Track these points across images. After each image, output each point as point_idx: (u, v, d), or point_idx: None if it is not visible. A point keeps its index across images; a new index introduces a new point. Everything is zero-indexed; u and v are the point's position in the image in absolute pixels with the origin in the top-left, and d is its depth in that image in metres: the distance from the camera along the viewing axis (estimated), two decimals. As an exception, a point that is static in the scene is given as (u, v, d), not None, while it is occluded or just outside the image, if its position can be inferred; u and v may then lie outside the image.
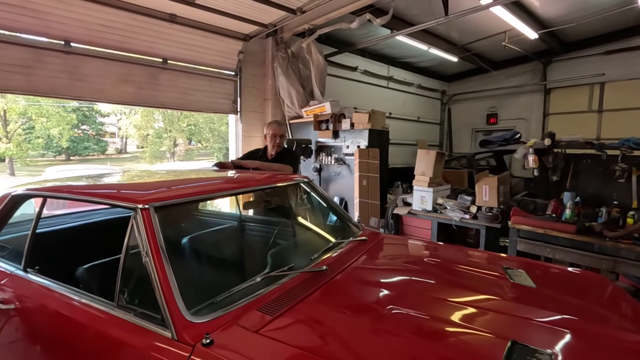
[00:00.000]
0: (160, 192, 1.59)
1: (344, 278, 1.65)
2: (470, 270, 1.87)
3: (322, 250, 1.97)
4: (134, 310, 1.34)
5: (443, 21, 4.78)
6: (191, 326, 1.20)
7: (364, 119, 4.81)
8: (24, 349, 1.64)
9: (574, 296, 1.64)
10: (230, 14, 4.61)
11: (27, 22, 3.77)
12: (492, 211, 3.69)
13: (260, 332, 1.21)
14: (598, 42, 7.53)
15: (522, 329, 1.29)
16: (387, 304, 1.45)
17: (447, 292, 1.57)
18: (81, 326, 1.41)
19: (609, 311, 1.53)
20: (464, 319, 1.33)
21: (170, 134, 27.48)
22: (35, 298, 1.61)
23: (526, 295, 1.59)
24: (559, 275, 1.94)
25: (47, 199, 1.86)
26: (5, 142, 22.01)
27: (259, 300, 1.41)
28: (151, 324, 1.26)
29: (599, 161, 3.37)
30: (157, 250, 1.35)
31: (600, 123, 7.79)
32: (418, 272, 1.81)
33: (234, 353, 1.12)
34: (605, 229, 2.95)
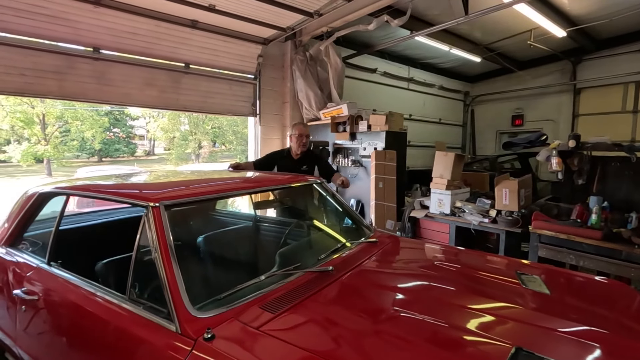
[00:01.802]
0: (172, 191, 1.65)
1: (349, 279, 1.66)
2: (479, 274, 1.82)
3: (330, 250, 1.98)
4: (143, 303, 1.40)
5: (463, 21, 4.69)
6: (195, 321, 1.24)
7: (381, 121, 4.79)
8: (46, 335, 1.74)
9: (589, 304, 1.57)
10: (249, 19, 4.71)
11: (60, 31, 4.00)
12: (512, 215, 3.57)
13: (260, 329, 1.23)
14: (632, 39, 7.14)
15: (529, 336, 1.24)
16: (389, 305, 1.44)
17: (451, 294, 1.54)
18: (95, 317, 1.49)
19: (625, 320, 1.45)
20: (466, 322, 1.31)
21: (195, 136, 28.30)
22: (56, 290, 1.71)
23: (538, 302, 1.53)
24: (579, 283, 1.86)
25: (70, 196, 1.97)
26: (43, 144, 23.35)
27: (263, 297, 1.43)
28: (158, 317, 1.32)
29: (629, 164, 3.20)
30: (166, 247, 1.40)
31: (636, 124, 7.38)
32: (424, 275, 1.79)
33: (233, 348, 1.14)
34: (634, 235, 2.80)
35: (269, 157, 3.52)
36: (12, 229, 2.19)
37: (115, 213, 3.07)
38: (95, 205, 5.17)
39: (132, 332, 1.35)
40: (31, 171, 23.93)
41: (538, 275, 1.81)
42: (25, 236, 2.26)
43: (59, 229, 1.94)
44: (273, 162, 3.42)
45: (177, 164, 26.18)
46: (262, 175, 2.35)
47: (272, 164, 3.41)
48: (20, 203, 2.24)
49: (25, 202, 2.18)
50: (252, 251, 2.35)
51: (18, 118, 21.43)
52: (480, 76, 9.83)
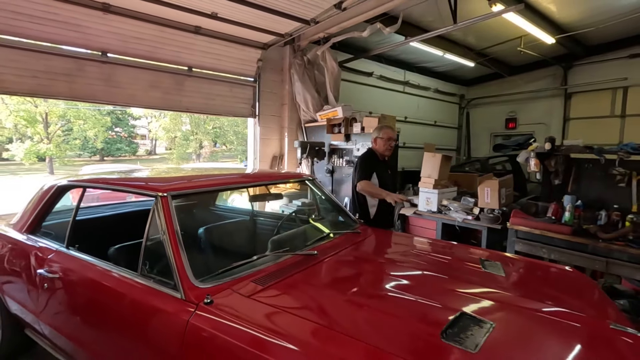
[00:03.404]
0: (178, 183, 1.90)
1: (330, 261, 1.90)
2: (445, 259, 2.07)
3: (317, 239, 2.23)
4: (153, 277, 1.65)
5: (452, 29, 4.93)
6: (196, 290, 1.49)
7: (373, 123, 5.02)
8: (66, 308, 1.99)
9: (537, 284, 1.82)
10: (249, 26, 4.96)
11: (70, 36, 4.25)
12: (493, 213, 3.81)
13: (251, 297, 1.48)
14: (621, 45, 7.39)
15: (475, 304, 1.49)
16: (360, 280, 1.68)
17: (415, 273, 1.79)
18: (111, 290, 1.73)
19: (564, 296, 1.69)
20: (423, 293, 1.55)
21: (197, 136, 28.58)
22: (75, 269, 1.96)
23: (491, 281, 1.78)
24: (535, 269, 2.10)
25: (87, 189, 2.22)
26: (46, 142, 23.63)
27: (255, 274, 1.68)
28: (166, 287, 1.56)
29: (600, 165, 3.44)
30: (172, 230, 1.65)
31: (623, 128, 7.62)
32: (395, 259, 2.04)
33: (228, 310, 1.39)
34: (600, 231, 3.04)
35: (369, 166, 3.23)
36: (32, 218, 2.44)
37: (123, 206, 3.33)
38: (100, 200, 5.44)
39: (144, 301, 1.59)
40: (34, 169, 24.21)
41: (499, 262, 2.05)
42: (43, 225, 2.51)
43: (76, 217, 2.18)
44: (372, 170, 3.21)
45: (178, 164, 26.43)
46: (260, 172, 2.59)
47: (373, 170, 3.21)
48: (39, 195, 2.49)
49: (44, 194, 2.43)
50: (248, 238, 2.59)
51: (21, 117, 21.69)
52: (475, 80, 10.08)
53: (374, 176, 3.20)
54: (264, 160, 6.32)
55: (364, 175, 3.18)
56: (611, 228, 3.11)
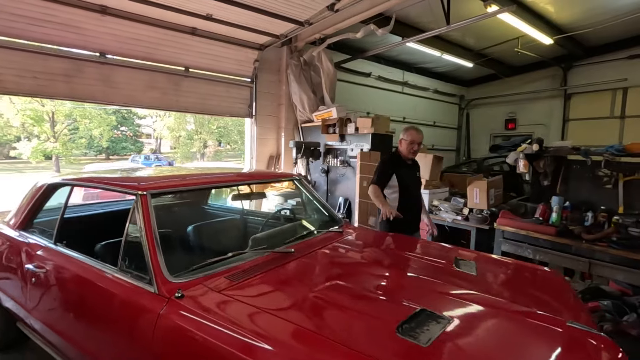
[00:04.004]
0: (158, 182, 1.97)
1: (305, 259, 1.96)
2: (421, 257, 2.11)
3: (297, 236, 2.29)
4: (130, 272, 1.71)
5: (445, 30, 4.96)
6: (170, 284, 1.55)
7: (367, 124, 5.07)
8: (52, 301, 2.06)
9: (507, 282, 1.86)
10: (244, 27, 5.03)
11: (69, 37, 4.35)
12: (482, 213, 3.84)
13: (221, 292, 1.54)
14: (621, 46, 7.36)
15: (437, 301, 1.53)
16: (332, 278, 1.74)
17: (386, 271, 1.84)
18: (92, 284, 1.80)
19: (531, 294, 1.73)
20: (390, 290, 1.60)
21: (201, 135, 28.81)
22: (60, 264, 2.04)
23: (461, 279, 1.82)
24: (511, 269, 2.13)
25: (74, 187, 2.30)
26: (52, 141, 23.96)
27: (229, 270, 1.74)
28: (141, 282, 1.63)
29: (587, 167, 3.46)
30: (150, 227, 1.72)
31: (623, 129, 7.58)
32: (371, 257, 2.09)
33: (196, 303, 1.45)
34: (584, 232, 3.06)
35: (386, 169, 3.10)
36: (24, 215, 2.52)
37: (112, 205, 3.42)
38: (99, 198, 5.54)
39: (122, 295, 1.66)
40: (40, 168, 24.55)
41: (474, 261, 2.09)
42: (35, 222, 2.59)
43: (64, 215, 2.26)
44: (391, 173, 3.07)
45: (182, 163, 26.66)
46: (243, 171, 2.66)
47: (391, 174, 3.07)
48: (31, 193, 2.58)
49: (35, 192, 2.51)
50: (235, 237, 2.65)
51: (28, 116, 22.00)
52: (475, 80, 10.08)
53: (393, 178, 3.06)
54: (261, 159, 6.39)
55: (376, 179, 3.08)
56: (596, 229, 3.13)
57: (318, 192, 6.02)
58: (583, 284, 3.46)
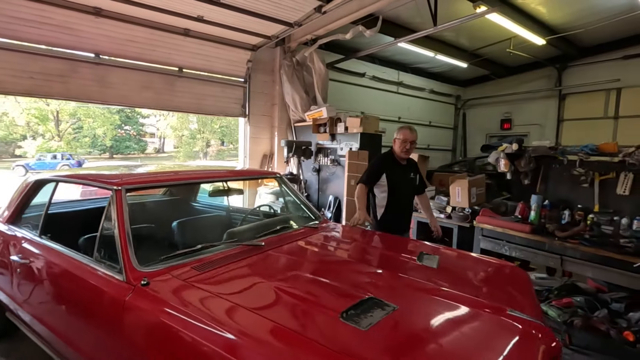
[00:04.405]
0: (133, 178, 2.08)
1: (273, 252, 2.05)
2: (387, 252, 2.20)
3: (271, 230, 2.38)
4: (104, 262, 1.82)
5: (432, 31, 5.03)
6: (137, 273, 1.66)
7: (356, 123, 5.16)
8: (34, 290, 2.18)
9: (463, 275, 1.95)
10: (236, 28, 5.14)
11: (64, 39, 4.48)
12: (463, 211, 3.92)
13: (186, 281, 1.64)
14: (615, 47, 7.38)
15: (389, 291, 1.62)
16: (293, 269, 1.83)
17: (349, 264, 1.93)
18: (70, 274, 1.92)
19: (484, 286, 1.82)
20: (346, 281, 1.69)
21: (204, 135, 29.02)
22: (42, 255, 2.15)
23: (419, 272, 1.90)
24: (474, 264, 2.22)
25: (59, 182, 2.41)
26: (57, 140, 24.29)
27: (197, 261, 1.84)
28: (113, 271, 1.73)
29: (565, 166, 3.52)
30: (122, 219, 1.82)
31: (616, 130, 7.60)
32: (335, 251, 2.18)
33: (160, 290, 1.55)
34: (557, 229, 3.13)
35: (376, 168, 3.06)
36: (13, 210, 2.65)
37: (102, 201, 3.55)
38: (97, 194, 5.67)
39: (95, 282, 1.77)
40: (45, 166, 24.83)
41: (438, 256, 2.17)
42: (25, 217, 2.71)
43: (49, 209, 2.38)
44: (381, 172, 3.02)
45: (184, 162, 26.88)
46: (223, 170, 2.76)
47: (381, 174, 3.02)
48: (20, 189, 2.70)
49: (23, 188, 2.64)
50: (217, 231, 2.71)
51: (33, 115, 22.30)
52: (471, 81, 10.12)
53: (383, 177, 3.00)
54: (254, 158, 6.50)
55: (365, 178, 3.03)
56: (570, 227, 3.20)
57: (310, 190, 6.13)
58: (560, 280, 3.53)
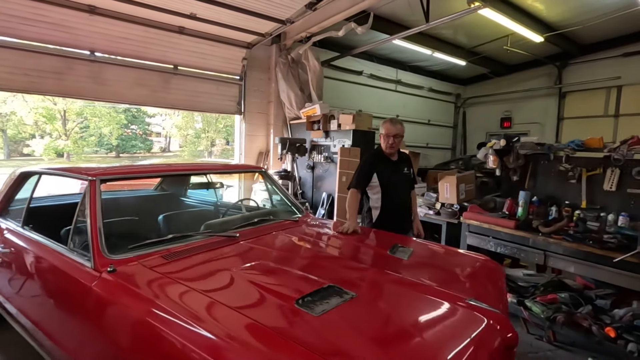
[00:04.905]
0: (108, 170, 2.12)
1: (246, 243, 2.08)
2: (360, 245, 2.22)
3: (249, 223, 2.41)
4: (77, 251, 1.86)
5: (425, 28, 5.02)
6: (105, 260, 1.69)
7: (348, 120, 5.17)
8: (16, 279, 2.23)
9: (432, 267, 1.95)
10: (230, 26, 5.17)
11: (59, 36, 4.55)
12: (452, 208, 3.91)
13: (152, 269, 1.67)
14: (615, 44, 7.29)
15: (350, 280, 1.63)
16: (261, 258, 1.85)
17: (319, 256, 1.95)
18: (46, 261, 1.97)
19: (450, 278, 1.82)
20: (310, 269, 1.71)
21: (208, 134, 29.19)
22: (23, 244, 2.20)
23: (387, 263, 1.92)
24: (448, 257, 2.23)
25: (42, 175, 2.46)
26: (64, 139, 24.59)
27: (168, 250, 1.87)
28: (84, 259, 1.77)
29: (553, 163, 3.50)
30: (95, 208, 1.86)
31: (617, 128, 7.50)
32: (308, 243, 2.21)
33: (125, 277, 1.59)
34: (541, 225, 3.11)
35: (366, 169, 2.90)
36: (0, 201, 2.70)
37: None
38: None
39: (67, 270, 1.81)
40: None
41: (412, 249, 2.18)
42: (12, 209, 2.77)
43: (32, 199, 2.43)
44: (371, 172, 2.87)
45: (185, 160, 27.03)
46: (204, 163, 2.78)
47: (371, 174, 2.87)
48: (7, 181, 2.75)
49: (10, 180, 2.69)
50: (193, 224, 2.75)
51: (41, 114, 22.61)
52: (471, 79, 10.06)
53: (375, 177, 2.85)
54: (250, 156, 6.53)
55: (354, 182, 2.87)
56: (555, 223, 3.17)
57: (304, 187, 6.15)
58: (546, 277, 3.51)
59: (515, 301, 3.21)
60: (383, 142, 2.91)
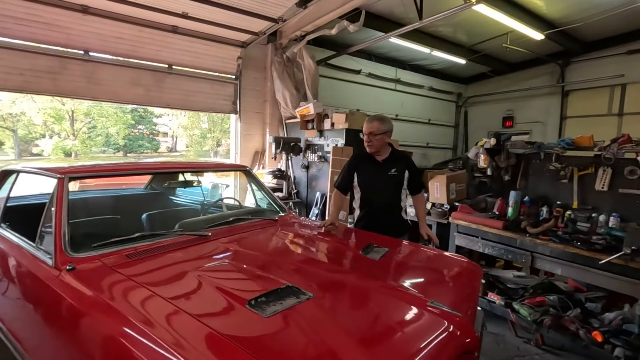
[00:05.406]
0: (76, 168, 2.11)
1: (216, 242, 2.05)
2: (333, 244, 2.18)
3: (224, 222, 2.38)
4: (42, 249, 1.85)
5: (418, 25, 4.96)
6: (65, 258, 1.68)
7: (341, 119, 5.12)
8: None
9: (403, 268, 1.90)
10: (223, 25, 5.16)
11: (53, 36, 4.58)
12: (442, 208, 3.84)
13: (113, 267, 1.65)
14: (619, 41, 7.13)
15: (311, 280, 1.60)
16: (226, 258, 1.83)
17: (283, 255, 1.92)
18: (15, 259, 1.96)
19: (421, 279, 1.78)
20: (272, 269, 1.67)
21: (214, 134, 29.38)
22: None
23: (357, 263, 1.88)
24: (423, 258, 2.17)
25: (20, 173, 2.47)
26: (72, 139, 24.94)
27: (134, 249, 1.85)
28: (47, 257, 1.76)
29: (544, 162, 3.41)
30: (61, 206, 1.85)
31: (621, 127, 7.33)
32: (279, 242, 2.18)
33: (83, 275, 1.57)
34: (529, 225, 3.03)
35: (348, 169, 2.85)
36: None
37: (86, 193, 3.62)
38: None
39: (32, 268, 1.80)
40: (60, 164, 25.47)
41: (387, 249, 2.12)
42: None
43: (9, 198, 2.44)
44: (352, 172, 2.83)
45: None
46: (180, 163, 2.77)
47: (352, 172, 2.83)
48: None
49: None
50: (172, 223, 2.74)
51: (49, 114, 22.96)
52: (473, 78, 9.93)
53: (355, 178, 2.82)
54: (246, 155, 6.52)
55: (338, 181, 2.86)
56: (544, 223, 3.09)
57: (299, 187, 6.12)
58: (537, 279, 3.43)
59: (503, 303, 3.14)
60: (364, 142, 2.79)
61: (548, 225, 2.93)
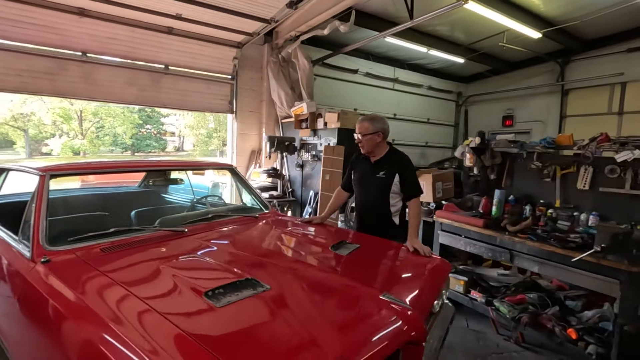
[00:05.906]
0: (60, 166, 2.20)
1: (191, 237, 2.12)
2: (305, 240, 2.24)
3: (204, 218, 2.46)
4: (24, 243, 1.94)
5: (410, 25, 4.97)
6: (42, 251, 1.76)
7: (334, 118, 5.17)
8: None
9: (367, 264, 1.95)
10: (217, 26, 5.25)
11: (50, 38, 4.71)
12: (428, 206, 3.87)
13: (86, 261, 1.73)
14: (619, 39, 7.06)
15: (272, 273, 1.66)
16: (195, 252, 1.90)
17: (253, 250, 1.98)
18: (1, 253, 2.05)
19: (381, 274, 1.83)
20: (237, 263, 1.74)
21: (220, 134, 29.62)
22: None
23: (323, 258, 1.93)
24: (395, 253, 2.22)
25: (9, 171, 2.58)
26: (80, 138, 25.35)
27: (110, 243, 1.93)
28: (26, 250, 1.85)
29: (528, 161, 3.42)
30: (41, 201, 1.94)
31: (621, 126, 7.26)
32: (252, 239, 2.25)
33: (56, 268, 1.65)
34: (509, 223, 3.05)
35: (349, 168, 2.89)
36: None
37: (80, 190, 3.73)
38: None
39: (12, 260, 1.89)
40: (68, 163, 25.86)
41: (358, 245, 2.18)
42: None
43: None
44: (351, 169, 2.86)
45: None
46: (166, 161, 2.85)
47: (351, 170, 2.86)
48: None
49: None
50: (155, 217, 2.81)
51: (58, 114, 23.36)
52: (472, 77, 9.90)
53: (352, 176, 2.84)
54: (242, 154, 6.61)
55: (343, 180, 2.92)
56: (523, 221, 3.11)
57: (294, 186, 6.18)
58: (519, 277, 3.45)
59: (484, 301, 3.17)
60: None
61: (526, 223, 2.95)
